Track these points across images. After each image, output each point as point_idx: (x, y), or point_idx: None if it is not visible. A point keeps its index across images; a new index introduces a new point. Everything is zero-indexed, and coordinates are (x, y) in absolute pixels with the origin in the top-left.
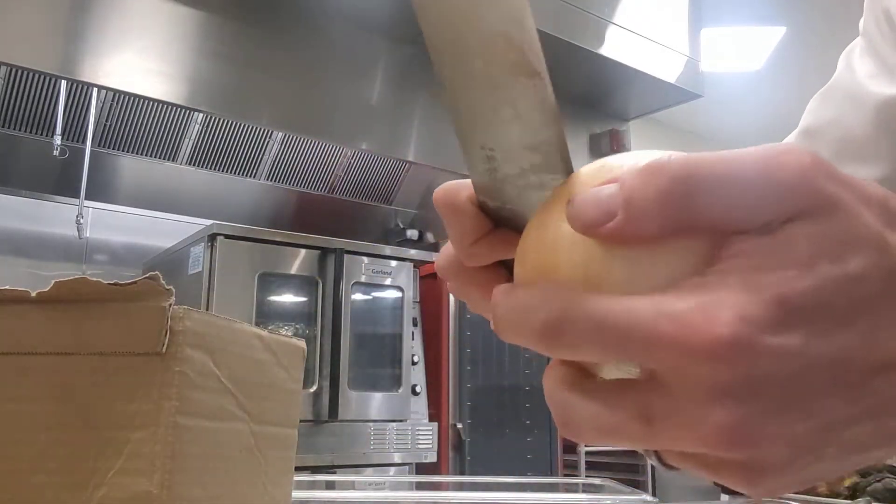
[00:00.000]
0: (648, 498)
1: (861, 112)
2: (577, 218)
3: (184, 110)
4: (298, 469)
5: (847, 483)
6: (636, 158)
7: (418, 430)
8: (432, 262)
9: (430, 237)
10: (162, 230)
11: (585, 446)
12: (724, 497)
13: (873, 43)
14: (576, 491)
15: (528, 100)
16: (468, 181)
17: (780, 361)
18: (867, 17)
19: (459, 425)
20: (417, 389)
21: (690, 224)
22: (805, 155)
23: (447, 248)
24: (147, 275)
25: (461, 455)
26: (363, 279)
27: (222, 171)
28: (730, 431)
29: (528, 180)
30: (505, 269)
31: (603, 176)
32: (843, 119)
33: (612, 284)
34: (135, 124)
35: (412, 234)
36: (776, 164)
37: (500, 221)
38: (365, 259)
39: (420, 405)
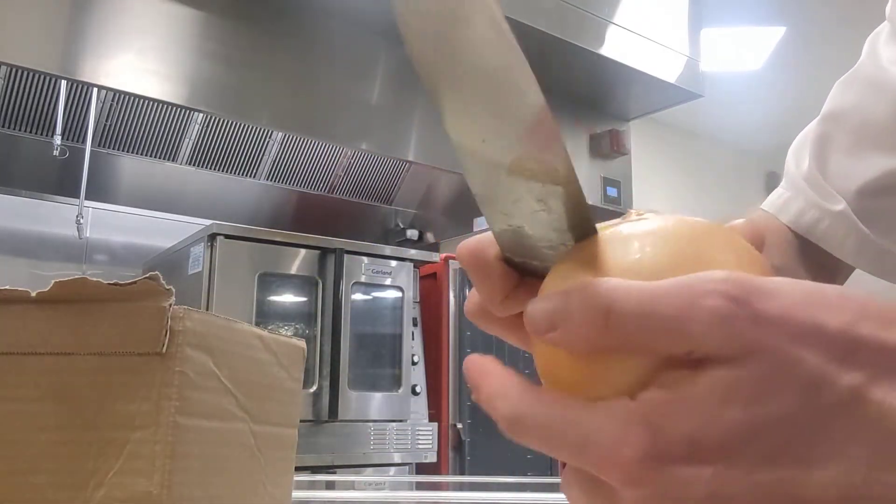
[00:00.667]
0: None
1: (883, 98)
2: (527, 321)
3: (184, 110)
4: (298, 469)
5: None
6: (646, 230)
7: (418, 430)
8: (432, 262)
9: (430, 237)
10: (162, 230)
11: None
12: None
13: None
14: None
15: (556, 199)
16: (490, 236)
17: (687, 490)
18: (893, 2)
19: (459, 425)
20: (417, 389)
21: (619, 347)
22: (727, 296)
23: (475, 296)
24: (147, 275)
25: (461, 455)
26: (363, 279)
27: (222, 171)
28: None
29: (552, 241)
30: None
31: (601, 255)
32: (865, 105)
33: (565, 383)
34: (135, 124)
35: (412, 234)
36: (693, 306)
37: (527, 272)
38: (365, 259)
39: (420, 405)
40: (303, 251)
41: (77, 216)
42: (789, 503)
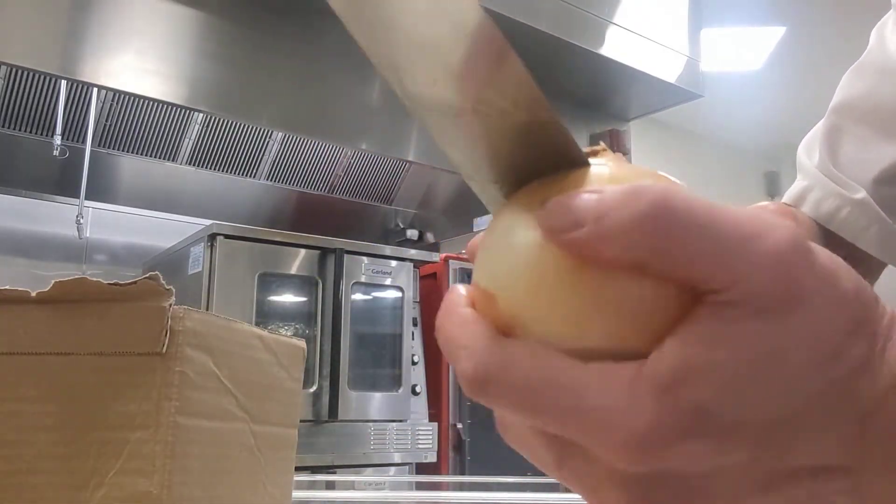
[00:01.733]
0: None
1: (893, 85)
2: (544, 219)
3: (184, 110)
4: (298, 469)
5: None
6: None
7: (418, 430)
8: (432, 262)
9: (430, 237)
10: (162, 230)
11: None
12: None
13: None
14: None
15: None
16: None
17: (690, 465)
18: None
19: (459, 425)
20: (417, 389)
21: (651, 262)
22: (793, 238)
23: None
24: (147, 275)
25: (461, 455)
26: (363, 279)
27: (222, 171)
28: None
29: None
30: None
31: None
32: (875, 93)
33: (553, 322)
34: (135, 124)
35: (412, 234)
36: (760, 234)
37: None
38: (365, 259)
39: (420, 405)
40: (303, 251)
41: (77, 216)
42: (779, 473)
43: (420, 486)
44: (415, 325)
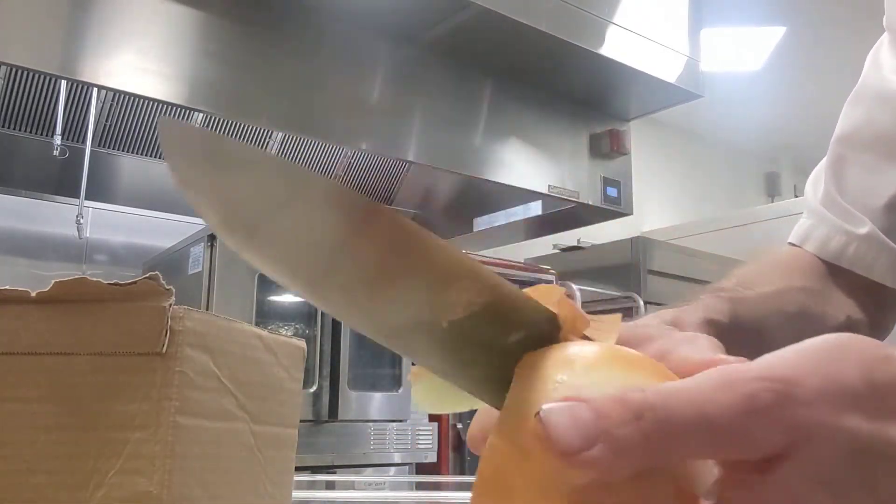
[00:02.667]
0: None
1: (891, 109)
2: (550, 437)
3: (184, 110)
4: (298, 469)
5: None
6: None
7: (418, 430)
8: None
9: None
10: (162, 230)
11: None
12: None
13: None
14: None
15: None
16: (484, 412)
17: None
18: (889, 12)
19: (459, 425)
20: None
21: (676, 459)
22: (772, 391)
23: None
24: (147, 275)
25: (461, 455)
26: None
27: None
28: None
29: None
30: None
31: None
32: (875, 120)
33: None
34: (135, 124)
35: None
36: (749, 407)
37: None
38: None
39: None
40: None
41: (77, 216)
42: None
43: (420, 486)
44: None
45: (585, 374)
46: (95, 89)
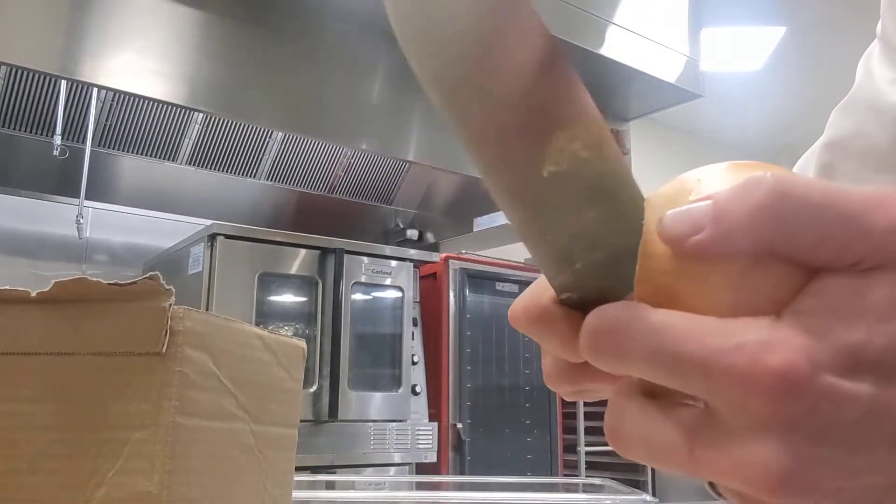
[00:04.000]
0: (648, 498)
1: (882, 122)
2: (665, 231)
3: (184, 110)
4: (298, 469)
5: None
6: (711, 172)
7: (418, 430)
8: (432, 262)
9: (430, 237)
10: (162, 230)
11: (585, 446)
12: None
13: (892, 46)
14: (576, 491)
15: (612, 180)
16: (537, 287)
17: (846, 407)
18: (885, 20)
19: (459, 425)
20: (417, 389)
21: (777, 248)
22: None
23: (549, 361)
24: (147, 275)
25: (461, 455)
26: (363, 279)
27: (222, 171)
28: (780, 476)
29: (612, 252)
30: None
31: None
32: (866, 130)
33: (683, 306)
34: (135, 124)
35: (412, 234)
36: (875, 206)
37: (587, 305)
38: (365, 259)
39: (420, 405)
40: (303, 251)
41: (77, 216)
42: None
43: (420, 486)
44: (415, 324)
45: (715, 181)
46: (95, 89)
